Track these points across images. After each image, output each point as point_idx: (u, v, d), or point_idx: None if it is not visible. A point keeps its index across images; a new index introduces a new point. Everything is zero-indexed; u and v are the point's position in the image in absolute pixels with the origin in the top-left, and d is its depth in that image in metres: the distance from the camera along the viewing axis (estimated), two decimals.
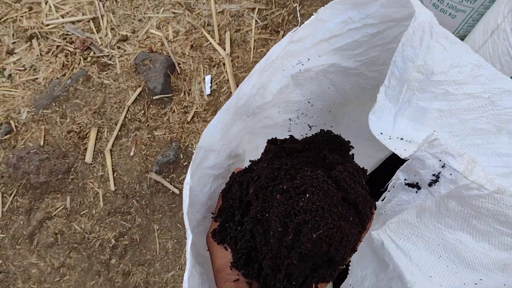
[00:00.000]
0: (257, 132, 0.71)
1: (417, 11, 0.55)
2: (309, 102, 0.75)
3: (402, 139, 0.58)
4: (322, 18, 0.64)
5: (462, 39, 1.17)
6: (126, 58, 1.44)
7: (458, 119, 0.63)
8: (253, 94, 0.60)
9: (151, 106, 1.39)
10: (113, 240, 1.26)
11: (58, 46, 1.47)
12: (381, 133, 0.55)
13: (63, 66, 1.44)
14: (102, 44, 1.47)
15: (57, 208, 1.29)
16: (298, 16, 1.51)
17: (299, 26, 0.62)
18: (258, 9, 1.46)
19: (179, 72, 1.42)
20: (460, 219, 0.58)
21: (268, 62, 0.62)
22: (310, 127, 0.80)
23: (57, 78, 1.42)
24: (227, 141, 0.58)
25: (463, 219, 0.58)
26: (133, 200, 1.30)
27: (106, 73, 1.43)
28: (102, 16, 1.51)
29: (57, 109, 1.38)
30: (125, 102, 1.39)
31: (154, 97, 1.39)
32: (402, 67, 0.61)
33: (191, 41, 1.46)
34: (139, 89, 1.40)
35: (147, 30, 1.48)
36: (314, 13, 0.62)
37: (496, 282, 0.59)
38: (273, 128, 0.73)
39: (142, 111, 1.38)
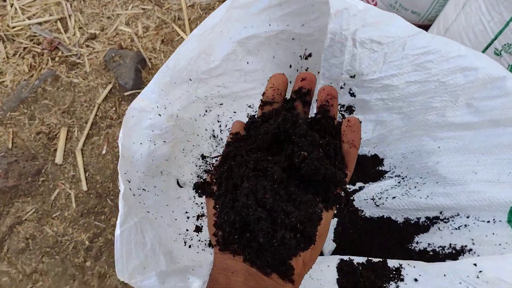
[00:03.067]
0: (214, 101, 0.67)
1: (332, 22, 0.58)
2: (264, 71, 0.71)
3: None
4: None
5: (433, 20, 1.15)
6: (95, 56, 1.41)
7: (406, 102, 0.66)
8: (193, 58, 0.57)
9: (123, 102, 1.35)
10: (87, 242, 1.21)
11: (25, 48, 1.43)
12: None
13: (30, 67, 1.40)
14: (70, 44, 1.43)
15: (28, 212, 1.24)
16: None
17: None
18: None
19: (150, 67, 1.38)
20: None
21: (208, 28, 0.59)
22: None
23: (25, 80, 1.38)
24: (167, 103, 0.55)
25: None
26: (107, 199, 1.25)
27: (75, 72, 1.39)
28: (69, 15, 1.47)
29: (25, 111, 1.34)
30: (95, 100, 1.34)
31: (126, 93, 1.35)
32: (330, 71, 0.65)
33: (162, 36, 1.43)
34: (109, 86, 1.36)
35: (116, 27, 1.45)
36: None
37: None
38: (230, 98, 0.69)
39: (114, 108, 1.34)
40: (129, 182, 0.50)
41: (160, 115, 0.53)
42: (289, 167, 0.43)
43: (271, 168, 0.40)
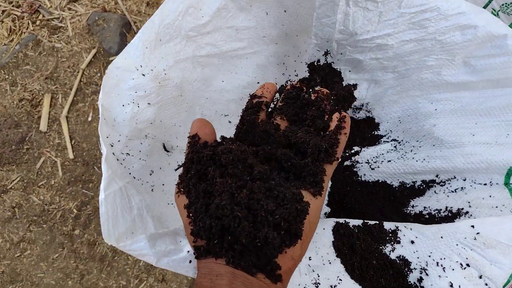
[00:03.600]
0: (203, 62, 0.64)
1: None
2: (257, 29, 0.68)
3: None
4: None
5: None
6: (78, 20, 1.35)
7: (401, 61, 0.64)
8: (181, 12, 0.54)
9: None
10: (75, 210, 1.19)
11: (3, 11, 1.36)
12: None
13: (10, 31, 1.34)
14: (51, 7, 1.37)
15: (13, 180, 1.21)
16: None
17: None
18: None
19: (135, 31, 1.33)
20: None
21: None
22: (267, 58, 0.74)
23: (5, 45, 1.32)
24: (153, 62, 0.52)
25: None
26: (94, 167, 1.22)
27: (57, 36, 1.33)
28: None
29: (7, 77, 1.29)
30: (79, 66, 1.30)
31: (111, 58, 1.30)
32: (322, 31, 0.63)
33: None
34: (93, 51, 1.31)
35: None
36: None
37: None
38: (221, 58, 0.66)
39: (99, 74, 1.30)
40: (112, 146, 0.47)
41: (144, 75, 0.50)
42: (268, 158, 0.41)
43: (251, 160, 0.38)
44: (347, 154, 0.75)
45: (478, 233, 0.49)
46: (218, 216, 0.35)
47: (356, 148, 0.74)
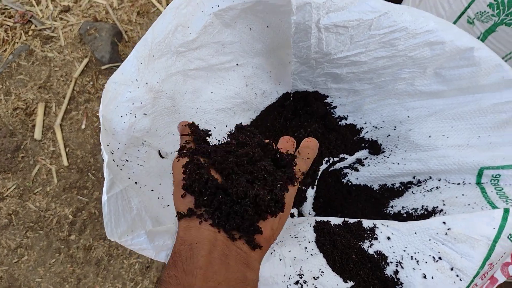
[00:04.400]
0: (192, 75, 0.68)
1: (295, 15, 0.62)
2: (242, 43, 0.72)
3: None
4: None
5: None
6: (70, 29, 1.38)
7: (376, 74, 0.70)
8: (171, 30, 0.58)
9: (100, 76, 1.34)
10: (71, 216, 1.22)
11: None
12: None
13: (3, 41, 1.37)
14: (43, 17, 1.40)
15: (9, 188, 1.24)
16: None
17: None
18: None
19: (127, 40, 1.37)
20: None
21: (184, 0, 0.60)
22: (253, 69, 0.78)
23: None
24: (147, 76, 0.56)
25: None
26: (89, 173, 1.25)
27: (50, 46, 1.36)
28: None
29: (0, 86, 1.32)
30: (72, 74, 1.33)
31: (103, 67, 1.33)
32: (300, 52, 0.70)
33: (138, 8, 1.41)
34: (86, 60, 1.34)
35: None
36: None
37: None
38: (209, 71, 0.70)
39: (91, 82, 1.33)
40: (112, 153, 0.51)
41: (139, 88, 0.54)
42: None
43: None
44: (333, 161, 0.80)
45: (449, 228, 0.53)
46: (217, 167, 0.40)
47: (341, 155, 0.79)
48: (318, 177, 0.80)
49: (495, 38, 0.83)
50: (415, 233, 0.55)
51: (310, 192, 0.78)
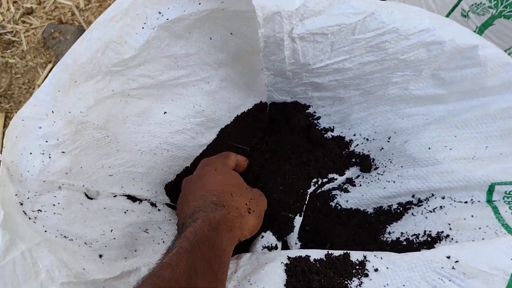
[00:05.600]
0: (137, 94, 0.59)
1: (262, 28, 0.52)
2: (200, 55, 0.63)
3: None
4: None
5: None
6: (33, 33, 1.28)
7: (363, 79, 0.60)
8: (99, 49, 0.48)
9: None
10: None
11: None
12: None
13: None
14: (4, 20, 1.30)
15: None
16: None
17: None
18: None
19: None
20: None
21: (119, 12, 0.50)
22: (207, 83, 0.68)
23: None
24: (68, 105, 0.46)
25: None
26: None
27: (11, 51, 1.26)
28: None
29: None
30: (35, 82, 1.23)
31: None
32: (273, 65, 0.61)
33: (106, 8, 1.31)
34: (50, 66, 1.24)
35: (55, 0, 1.32)
36: None
37: None
38: (160, 88, 0.61)
39: None
40: (22, 204, 0.43)
41: (55, 122, 0.45)
42: None
43: None
44: (321, 182, 0.71)
45: (457, 261, 0.44)
46: None
47: (330, 175, 0.70)
48: (306, 202, 0.70)
49: (492, 32, 0.77)
50: (416, 267, 0.46)
51: (298, 220, 0.68)
